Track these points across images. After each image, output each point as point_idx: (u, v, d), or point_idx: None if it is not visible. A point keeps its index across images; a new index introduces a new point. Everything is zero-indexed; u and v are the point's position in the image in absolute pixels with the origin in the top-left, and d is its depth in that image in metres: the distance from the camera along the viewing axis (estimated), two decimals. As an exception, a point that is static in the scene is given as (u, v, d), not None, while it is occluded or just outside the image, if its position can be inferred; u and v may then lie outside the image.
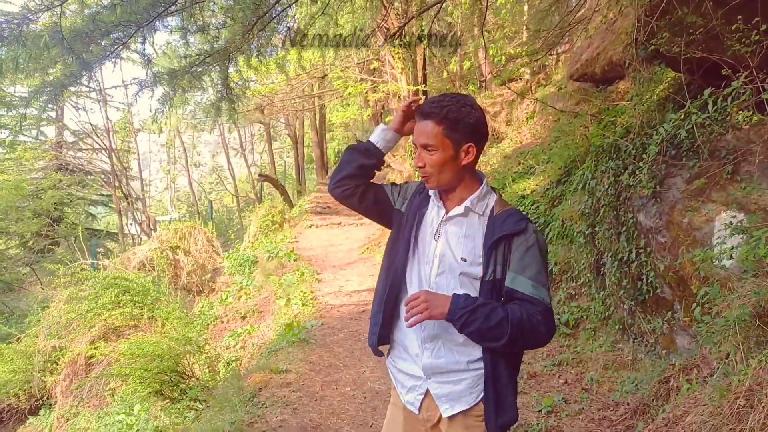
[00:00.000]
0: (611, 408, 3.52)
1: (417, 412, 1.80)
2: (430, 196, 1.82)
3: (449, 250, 1.71)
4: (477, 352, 1.70)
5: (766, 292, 2.17)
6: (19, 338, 9.79)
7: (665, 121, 4.49)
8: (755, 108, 3.70)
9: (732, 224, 3.10)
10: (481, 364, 1.70)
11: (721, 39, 3.49)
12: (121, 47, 3.95)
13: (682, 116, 3.45)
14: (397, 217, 1.87)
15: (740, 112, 3.99)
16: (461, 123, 1.65)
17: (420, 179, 1.81)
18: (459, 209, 1.72)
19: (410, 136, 1.82)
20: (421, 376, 1.77)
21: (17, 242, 19.39)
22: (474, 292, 1.67)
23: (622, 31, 6.67)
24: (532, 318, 1.58)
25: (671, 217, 4.15)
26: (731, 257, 2.99)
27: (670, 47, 3.62)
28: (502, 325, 1.56)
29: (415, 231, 1.79)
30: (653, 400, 3.06)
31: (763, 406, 1.83)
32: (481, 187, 1.74)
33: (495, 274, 1.64)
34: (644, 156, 4.29)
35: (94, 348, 7.54)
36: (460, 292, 1.65)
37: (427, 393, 1.77)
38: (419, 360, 1.76)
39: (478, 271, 1.67)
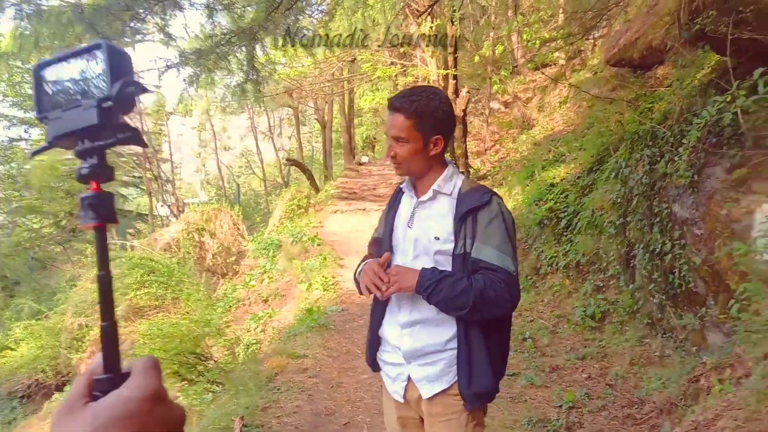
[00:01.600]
0: (636, 405, 3.35)
1: (402, 400, 1.88)
2: (400, 195, 1.97)
3: (423, 233, 1.80)
4: (451, 331, 1.76)
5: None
6: (47, 315, 10.00)
7: (707, 105, 4.25)
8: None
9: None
10: (456, 344, 1.76)
11: (771, 17, 3.24)
12: (140, 23, 3.87)
13: (729, 98, 3.21)
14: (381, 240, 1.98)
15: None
16: (430, 117, 1.75)
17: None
18: (428, 194, 1.82)
19: None
20: (402, 362, 1.85)
21: (51, 221, 19.86)
22: (449, 268, 1.75)
23: (664, 12, 6.36)
24: (495, 285, 1.65)
25: (708, 208, 3.92)
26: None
27: (716, 27, 3.37)
28: (466, 293, 1.64)
29: (389, 233, 1.91)
30: (681, 399, 2.88)
31: (806, 415, 1.66)
32: (447, 170, 1.84)
33: (465, 247, 1.72)
34: (683, 143, 4.05)
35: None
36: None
37: (409, 379, 1.85)
38: (399, 346, 1.84)
39: (451, 247, 1.76)
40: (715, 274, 3.73)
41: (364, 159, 23.82)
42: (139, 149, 23.08)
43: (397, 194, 2.00)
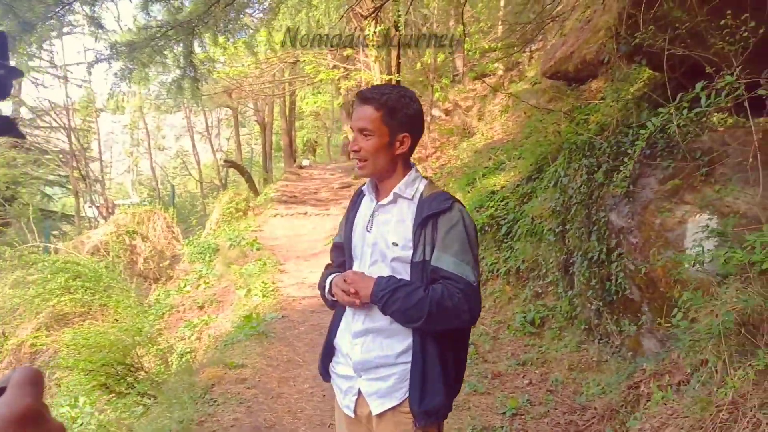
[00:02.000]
0: (578, 412, 3.40)
1: (353, 415, 1.80)
2: (361, 197, 1.89)
3: (381, 238, 1.74)
4: (404, 344, 1.69)
5: (754, 300, 2.05)
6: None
7: (641, 118, 4.41)
8: (733, 109, 3.62)
9: (709, 227, 3.00)
10: (409, 358, 1.69)
11: (704, 36, 3.38)
12: (67, 8, 3.61)
13: (672, 109, 3.32)
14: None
15: (715, 114, 3.91)
16: (400, 112, 1.68)
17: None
18: (388, 197, 1.75)
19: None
20: (353, 375, 1.77)
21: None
22: (407, 277, 1.68)
23: (599, 28, 6.60)
24: (453, 296, 1.58)
25: (644, 217, 4.06)
26: (706, 262, 2.88)
27: (654, 42, 3.49)
28: (422, 304, 1.57)
29: (349, 237, 1.85)
30: (622, 405, 2.94)
31: (748, 421, 1.71)
32: (410, 173, 1.76)
33: (424, 254, 1.65)
34: (627, 152, 4.18)
35: (35, 337, 7.11)
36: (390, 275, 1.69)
37: (359, 393, 1.77)
38: (349, 357, 1.77)
39: (410, 254, 1.69)
40: (649, 281, 3.86)
41: (306, 162, 23.58)
42: (66, 146, 21.89)
43: (358, 197, 1.93)
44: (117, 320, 7.25)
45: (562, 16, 8.81)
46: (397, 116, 1.68)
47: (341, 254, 1.92)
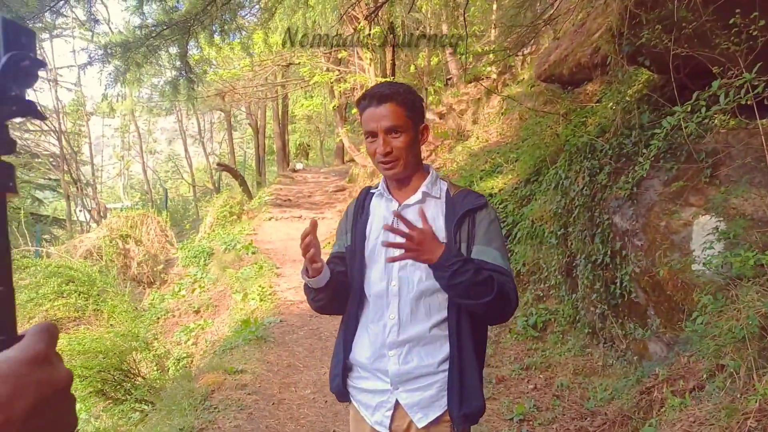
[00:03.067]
0: (587, 418, 3.35)
1: (388, 431, 1.68)
2: (368, 201, 1.80)
3: None
4: (444, 351, 1.63)
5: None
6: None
7: (642, 120, 4.38)
8: (737, 110, 3.60)
9: (719, 229, 2.96)
10: (448, 365, 1.63)
11: (709, 36, 3.36)
12: (62, 2, 3.52)
13: (689, 108, 3.29)
14: (349, 253, 1.80)
15: (716, 115, 3.89)
16: (416, 104, 1.67)
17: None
18: (416, 196, 1.69)
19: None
20: (387, 388, 1.67)
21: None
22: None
23: (593, 31, 6.59)
24: (505, 285, 1.54)
25: (648, 219, 4.03)
26: (717, 264, 2.85)
27: (660, 41, 3.47)
28: (490, 283, 1.50)
29: (362, 242, 1.74)
30: (635, 411, 2.89)
31: (776, 429, 1.66)
32: (432, 173, 1.74)
33: (460, 250, 1.61)
34: (624, 155, 4.15)
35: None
36: (425, 279, 1.62)
37: (396, 405, 1.67)
38: (384, 370, 1.67)
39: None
40: (655, 284, 3.82)
41: (299, 166, 23.50)
42: (56, 149, 21.67)
43: (364, 200, 1.82)
44: (112, 325, 7.13)
45: (556, 20, 8.81)
46: (416, 108, 1.67)
47: (341, 265, 1.79)
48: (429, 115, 15.49)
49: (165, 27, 4.71)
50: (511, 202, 6.94)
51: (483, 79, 14.67)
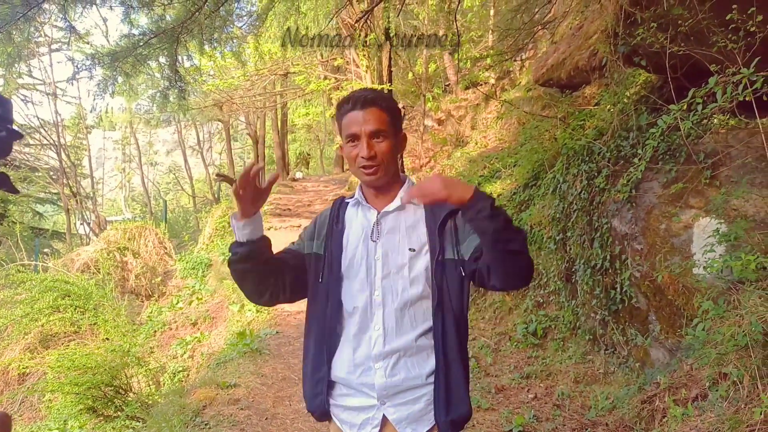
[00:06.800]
0: (588, 428, 3.24)
1: None
2: (342, 209, 1.75)
3: (392, 246, 1.63)
4: (431, 362, 1.59)
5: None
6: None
7: (640, 122, 4.29)
8: (736, 109, 3.51)
9: (720, 232, 2.86)
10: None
11: (706, 34, 3.27)
12: (35, 8, 3.44)
13: (684, 106, 3.20)
14: (311, 260, 1.72)
15: (715, 115, 3.80)
16: (397, 112, 1.66)
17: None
18: (395, 203, 1.65)
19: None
20: (373, 404, 1.62)
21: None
22: (427, 283, 1.60)
23: (590, 35, 6.52)
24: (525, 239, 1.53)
25: (648, 222, 3.93)
26: (719, 268, 2.75)
27: (656, 39, 3.38)
28: (517, 229, 1.48)
29: (338, 253, 1.68)
30: (636, 422, 2.79)
31: (783, 443, 1.56)
32: (408, 180, 1.71)
33: (455, 253, 1.59)
34: (622, 157, 4.06)
35: (20, 360, 6.87)
36: (409, 288, 1.59)
37: (383, 422, 1.61)
38: (370, 384, 1.61)
39: (427, 258, 1.60)
40: (656, 289, 3.72)
41: (299, 175, 23.47)
42: (56, 163, 21.67)
43: (338, 208, 1.76)
44: (107, 339, 7.04)
45: (553, 24, 8.76)
46: (397, 117, 1.65)
47: (291, 258, 1.73)
48: (428, 122, 15.45)
49: (152, 35, 4.65)
50: (510, 207, 6.84)
51: (481, 84, 14.64)
